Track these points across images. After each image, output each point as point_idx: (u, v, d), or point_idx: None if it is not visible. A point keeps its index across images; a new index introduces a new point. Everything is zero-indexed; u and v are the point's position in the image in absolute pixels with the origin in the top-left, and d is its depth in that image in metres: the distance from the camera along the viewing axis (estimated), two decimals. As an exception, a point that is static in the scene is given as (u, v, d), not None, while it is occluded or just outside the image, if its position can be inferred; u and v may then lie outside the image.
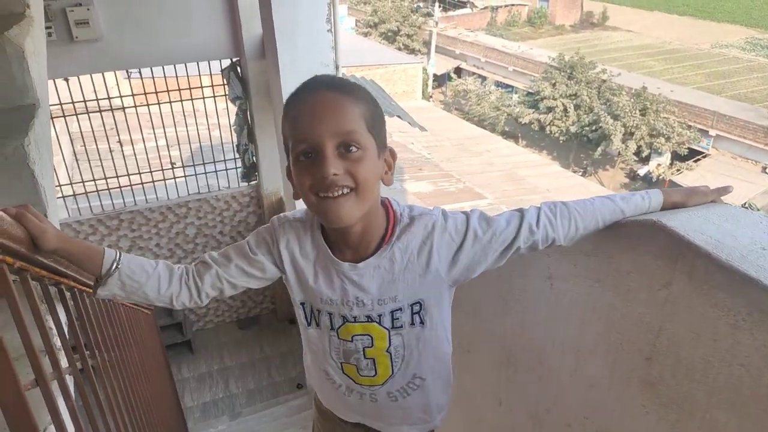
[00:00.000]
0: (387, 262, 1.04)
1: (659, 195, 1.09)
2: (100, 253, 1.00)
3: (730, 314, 0.90)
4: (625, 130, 19.18)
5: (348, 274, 1.05)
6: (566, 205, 1.07)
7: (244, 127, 4.78)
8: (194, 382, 4.91)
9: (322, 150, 0.91)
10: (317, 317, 1.13)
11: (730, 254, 0.90)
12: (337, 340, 1.13)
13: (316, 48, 2.81)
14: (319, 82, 0.95)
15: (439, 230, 1.03)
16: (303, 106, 0.93)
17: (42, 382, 0.84)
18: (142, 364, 2.23)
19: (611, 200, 1.08)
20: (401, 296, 1.07)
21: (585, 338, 1.27)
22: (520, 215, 1.05)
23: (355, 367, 1.16)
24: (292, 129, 0.94)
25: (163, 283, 1.05)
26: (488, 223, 1.05)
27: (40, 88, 1.65)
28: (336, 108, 0.91)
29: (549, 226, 1.05)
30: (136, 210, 4.76)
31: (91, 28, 3.82)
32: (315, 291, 1.09)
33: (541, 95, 21.38)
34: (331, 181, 0.91)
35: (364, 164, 0.93)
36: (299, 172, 0.95)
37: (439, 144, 11.02)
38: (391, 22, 29.19)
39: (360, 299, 1.06)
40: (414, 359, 1.14)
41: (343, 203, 0.93)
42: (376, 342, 1.11)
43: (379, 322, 1.09)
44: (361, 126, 0.93)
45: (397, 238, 1.04)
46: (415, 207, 1.08)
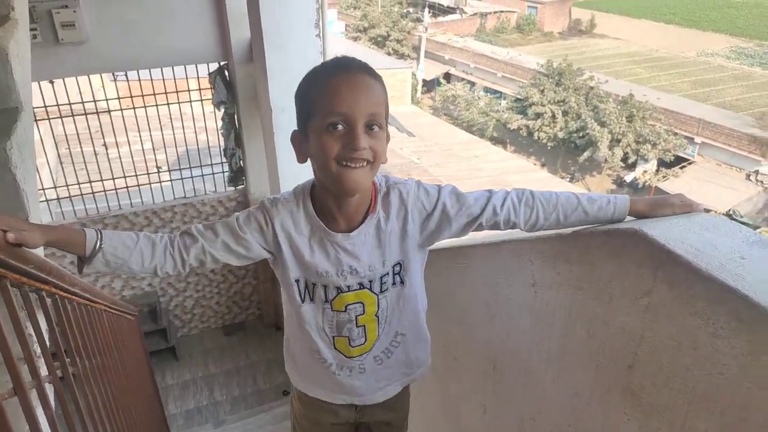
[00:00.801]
0: (374, 229, 1.15)
1: (625, 202, 1.13)
2: (82, 235, 1.03)
3: (710, 323, 0.91)
4: (612, 136, 19.37)
5: (342, 243, 1.15)
6: (533, 194, 1.16)
7: (231, 131, 4.76)
8: (178, 389, 4.86)
9: (355, 125, 1.01)
10: (311, 291, 1.20)
11: (710, 263, 0.91)
12: (330, 312, 1.21)
13: (304, 52, 2.81)
14: (355, 63, 1.05)
15: (412, 197, 1.16)
16: (342, 81, 1.02)
17: (20, 391, 0.83)
18: (124, 371, 2.20)
19: (576, 198, 1.14)
20: (387, 260, 1.18)
21: (568, 346, 1.28)
22: (488, 196, 1.16)
23: (347, 338, 1.24)
24: (326, 100, 1.01)
25: (146, 257, 1.10)
26: (458, 198, 1.16)
27: (24, 90, 1.63)
28: (370, 90, 1.03)
29: (512, 210, 1.14)
30: (121, 214, 4.71)
31: (77, 30, 3.79)
32: (311, 265, 1.16)
33: (530, 101, 21.53)
34: (359, 154, 1.01)
35: (381, 142, 1.05)
36: (326, 140, 1.02)
37: (427, 149, 11.06)
38: (381, 27, 29.27)
39: (353, 267, 1.16)
40: (395, 317, 1.26)
41: (360, 172, 1.03)
42: (367, 308, 1.21)
43: (369, 288, 1.19)
44: (383, 109, 1.05)
45: (381, 206, 1.15)
46: (390, 177, 1.19)
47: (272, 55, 2.76)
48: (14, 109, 1.56)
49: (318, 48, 2.87)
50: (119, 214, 4.70)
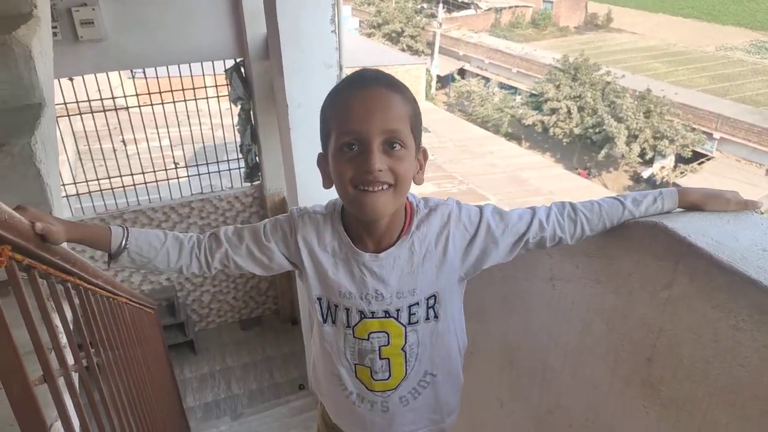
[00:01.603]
0: (406, 252, 1.06)
1: (674, 196, 1.07)
2: (108, 234, 1.03)
3: (731, 315, 0.90)
4: (629, 132, 19.16)
5: (369, 264, 1.06)
6: (574, 207, 1.09)
7: (247, 128, 4.79)
8: (196, 382, 4.92)
9: (369, 145, 0.92)
10: (334, 313, 1.12)
11: (731, 256, 0.90)
12: (352, 338, 1.13)
13: (320, 48, 2.82)
14: (372, 76, 0.96)
15: (454, 220, 1.06)
16: (354, 99, 0.94)
17: (50, 378, 0.85)
18: (145, 363, 2.24)
19: (621, 203, 1.08)
20: (419, 289, 1.08)
21: (587, 339, 1.28)
22: (531, 212, 1.09)
23: (369, 369, 1.15)
24: (339, 120, 0.95)
25: (172, 257, 1.09)
26: (501, 216, 1.08)
27: (47, 87, 1.67)
28: (386, 105, 0.93)
29: (557, 225, 1.08)
30: (139, 210, 4.77)
31: (96, 27, 3.84)
32: (334, 283, 1.09)
33: (545, 97, 21.36)
34: (374, 177, 0.92)
35: (404, 162, 0.95)
36: (340, 163, 0.95)
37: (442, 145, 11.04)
38: (395, 23, 29.21)
39: (379, 292, 1.07)
40: (426, 355, 1.15)
41: (380, 197, 0.95)
42: (392, 339, 1.11)
43: (396, 317, 1.09)
44: (406, 125, 0.95)
45: (416, 228, 1.06)
46: (431, 199, 1.10)
47: (288, 51, 2.77)
48: (37, 105, 1.59)
49: (334, 44, 2.88)
50: (138, 210, 4.76)
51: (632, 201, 1.08)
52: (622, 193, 1.13)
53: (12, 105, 1.53)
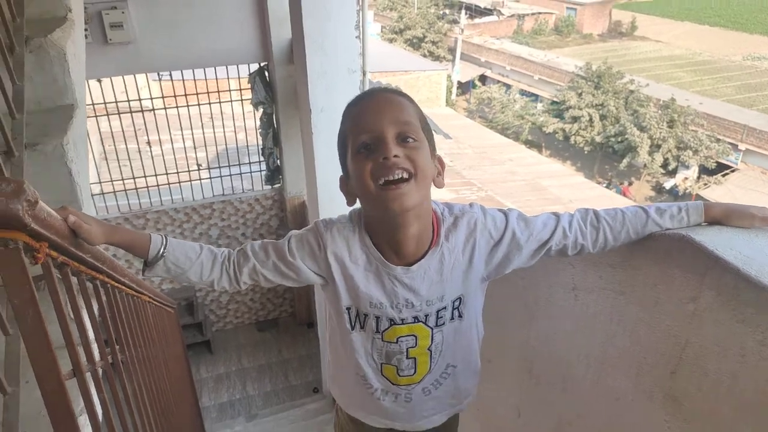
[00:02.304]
0: (437, 263, 1.08)
1: (699, 209, 1.06)
2: (147, 241, 1.04)
3: (758, 330, 0.89)
4: (652, 142, 18.92)
5: (400, 277, 1.08)
6: (597, 215, 1.09)
7: (269, 131, 4.84)
8: (212, 382, 4.96)
9: (384, 137, 0.97)
10: (362, 321, 1.14)
11: (760, 270, 0.89)
12: (380, 342, 1.15)
13: (344, 53, 2.84)
14: (378, 88, 1.07)
15: (480, 228, 1.09)
16: (364, 105, 1.02)
17: (79, 373, 0.87)
18: (165, 361, 2.27)
19: (645, 213, 1.08)
20: (447, 295, 1.11)
21: (609, 351, 1.27)
22: (555, 218, 1.10)
23: (395, 368, 1.18)
24: (353, 126, 1.01)
25: (205, 270, 1.10)
26: (527, 223, 1.10)
27: (79, 88, 1.71)
28: (394, 104, 1.01)
29: (579, 233, 1.08)
30: (162, 210, 4.84)
31: (125, 30, 3.92)
32: (365, 295, 1.10)
33: (567, 104, 21.20)
34: (392, 162, 0.96)
35: (420, 153, 0.99)
36: (359, 163, 0.99)
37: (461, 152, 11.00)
38: (417, 28, 29.27)
39: (410, 301, 1.09)
40: (449, 351, 1.18)
41: (403, 188, 0.96)
42: (420, 341, 1.14)
43: (425, 321, 1.12)
44: (416, 121, 1.01)
45: (445, 239, 1.08)
46: (454, 206, 1.12)
47: (313, 56, 2.80)
48: (70, 105, 1.63)
49: (358, 49, 2.90)
50: (160, 210, 4.83)
51: (656, 211, 1.07)
52: (646, 204, 1.11)
53: (46, 106, 1.58)
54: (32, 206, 0.69)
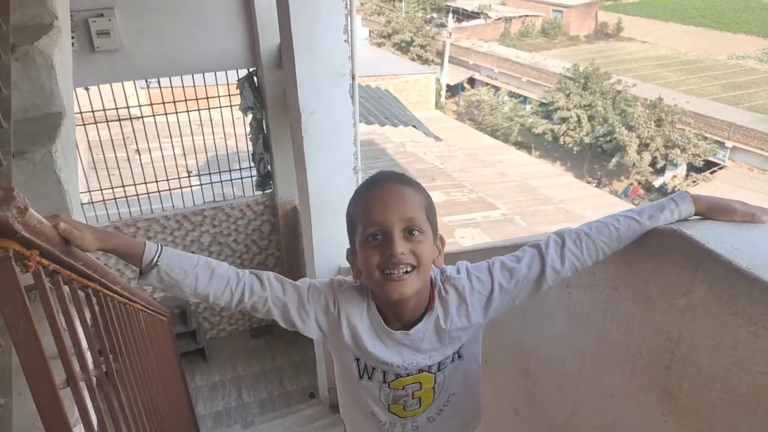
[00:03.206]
0: (432, 326, 1.14)
1: (688, 203, 1.06)
2: (141, 249, 1.02)
3: (751, 322, 0.90)
4: (640, 141, 19.07)
5: (402, 341, 1.15)
6: (589, 235, 1.09)
7: (259, 137, 4.83)
8: (207, 390, 4.93)
9: (391, 233, 1.02)
10: (370, 373, 1.21)
11: (751, 262, 0.90)
12: (387, 389, 1.23)
13: (333, 57, 2.84)
14: (388, 176, 1.08)
15: (468, 291, 1.14)
16: (373, 195, 1.05)
17: (73, 383, 0.86)
18: (159, 369, 2.25)
19: (638, 223, 1.07)
20: (449, 350, 1.19)
21: (604, 347, 1.27)
22: (540, 260, 1.11)
23: (402, 405, 1.26)
24: (362, 214, 1.05)
25: (200, 284, 1.08)
26: (510, 273, 1.13)
27: (66, 96, 1.70)
28: (402, 197, 1.04)
29: (575, 260, 1.10)
30: (152, 218, 4.81)
31: (112, 38, 3.90)
32: (371, 354, 1.16)
33: (555, 106, 21.33)
34: (398, 260, 1.01)
35: (424, 246, 1.04)
36: (367, 251, 1.04)
37: (451, 154, 11.02)
38: (405, 32, 29.35)
39: (414, 360, 1.17)
40: (451, 385, 1.27)
41: (405, 280, 1.03)
42: (424, 385, 1.23)
43: (428, 370, 1.20)
44: (421, 213, 1.05)
45: (438, 302, 1.14)
46: (446, 269, 1.17)
47: (302, 59, 2.79)
48: (58, 113, 1.62)
49: (347, 53, 2.90)
50: (151, 218, 4.80)
51: (649, 218, 1.07)
52: (635, 207, 1.10)
53: (33, 114, 1.56)
54: (22, 213, 0.68)
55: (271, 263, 5.35)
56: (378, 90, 7.56)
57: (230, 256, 5.20)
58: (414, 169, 8.91)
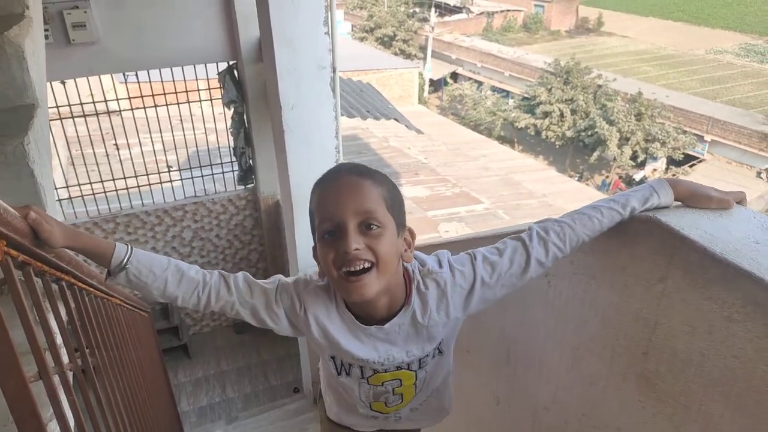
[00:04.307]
0: (409, 320, 1.11)
1: (667, 190, 1.06)
2: (110, 250, 1.01)
3: (725, 307, 0.91)
4: (621, 135, 19.28)
5: (377, 335, 1.12)
6: (573, 228, 1.07)
7: (240, 131, 4.79)
8: (190, 386, 4.89)
9: (345, 227, 0.97)
10: (348, 369, 1.20)
11: (725, 248, 0.91)
12: (367, 386, 1.21)
13: (313, 50, 2.82)
14: (342, 167, 1.04)
15: (450, 285, 1.10)
16: (327, 189, 1.01)
17: (45, 375, 0.84)
18: (139, 365, 2.23)
19: (620, 214, 1.06)
20: (428, 346, 1.16)
21: (583, 335, 1.28)
22: (524, 252, 1.08)
23: (383, 402, 1.26)
24: (317, 210, 1.01)
25: (169, 286, 1.07)
26: (492, 267, 1.10)
27: (39, 87, 1.66)
28: (357, 190, 0.98)
29: (558, 252, 1.08)
30: (132, 213, 4.75)
31: (88, 30, 3.83)
32: (346, 351, 1.13)
33: (537, 100, 21.47)
34: (353, 256, 0.96)
35: (383, 241, 0.99)
36: (323, 249, 1.00)
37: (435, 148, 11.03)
38: (387, 27, 29.30)
39: (390, 354, 1.14)
40: (434, 380, 1.27)
41: (363, 279, 0.98)
42: (405, 382, 1.21)
43: (407, 368, 1.18)
44: (380, 206, 0.99)
45: (416, 296, 1.10)
46: (426, 261, 1.12)
47: (281, 51, 2.77)
48: (30, 105, 1.58)
49: (327, 45, 2.88)
50: (131, 214, 4.74)
51: (631, 211, 1.06)
52: (616, 196, 1.09)
53: (4, 105, 1.53)
54: (-13, 202, 0.66)
55: (254, 258, 5.32)
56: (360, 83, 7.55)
57: (212, 252, 5.15)
58: (397, 164, 8.91)
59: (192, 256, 5.09)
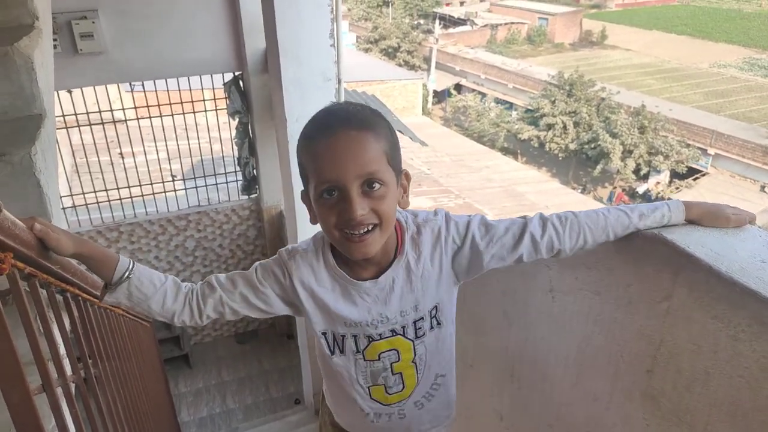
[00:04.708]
0: (403, 271, 1.07)
1: (680, 212, 1.05)
2: (114, 260, 1.00)
3: (730, 326, 0.91)
4: (624, 147, 19.28)
5: (370, 291, 1.07)
6: (577, 216, 1.07)
7: (245, 141, 4.81)
8: (191, 396, 4.87)
9: (348, 191, 0.92)
10: (341, 343, 1.13)
11: (730, 267, 0.91)
12: (363, 362, 1.14)
13: (318, 62, 2.84)
14: (339, 118, 0.93)
15: (443, 234, 1.07)
16: (325, 145, 0.92)
17: (48, 388, 0.84)
18: (141, 376, 2.22)
19: (627, 216, 1.06)
20: (421, 305, 1.10)
21: (587, 352, 1.28)
22: (522, 225, 1.07)
23: (383, 386, 1.18)
24: (314, 166, 0.94)
25: (168, 299, 1.05)
26: (487, 228, 1.07)
27: (47, 98, 1.67)
28: (359, 148, 0.92)
29: (555, 237, 1.06)
30: (136, 222, 4.76)
31: (96, 41, 3.86)
32: (338, 316, 1.09)
33: (541, 112, 21.52)
34: (358, 221, 0.93)
35: (386, 200, 0.95)
36: (323, 209, 0.95)
37: (438, 159, 11.05)
38: (392, 38, 29.47)
39: (384, 315, 1.09)
40: (435, 360, 1.18)
41: (367, 239, 0.95)
42: (402, 355, 1.14)
43: (403, 334, 1.12)
44: (382, 162, 0.94)
45: (409, 247, 1.07)
46: (419, 213, 1.10)
47: (287, 65, 2.79)
48: (38, 115, 1.59)
49: (332, 58, 2.90)
50: (134, 222, 4.74)
51: (639, 216, 1.05)
52: (629, 205, 1.09)
53: (13, 115, 1.54)
54: (-4, 215, 0.67)
55: (257, 268, 5.31)
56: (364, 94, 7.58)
57: (215, 261, 5.15)
58: (400, 175, 8.91)
59: (194, 265, 5.09)
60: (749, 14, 36.27)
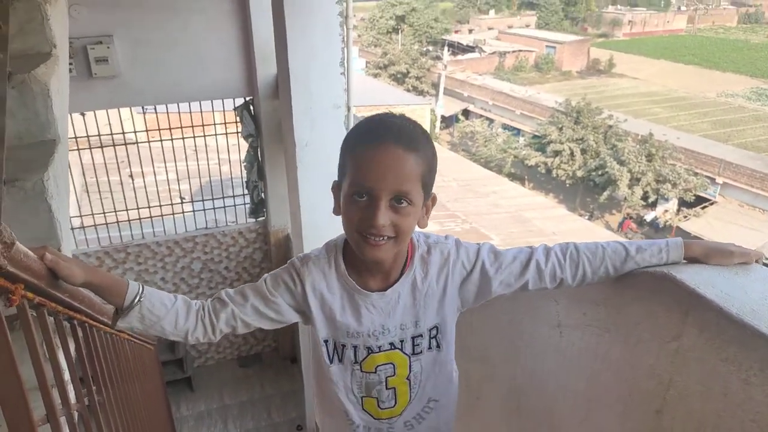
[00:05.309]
0: (409, 286, 1.12)
1: (679, 249, 1.07)
2: (125, 285, 1.02)
3: (742, 369, 0.89)
4: (632, 175, 19.27)
5: (376, 303, 1.11)
6: (577, 248, 1.11)
7: (254, 164, 4.84)
8: (192, 420, 4.82)
9: (377, 201, 0.97)
10: (340, 353, 1.17)
11: (741, 308, 0.90)
12: (360, 373, 1.18)
13: (328, 90, 2.88)
14: (391, 132, 0.98)
15: (453, 258, 1.12)
16: (369, 153, 0.97)
17: (53, 418, 0.84)
18: (144, 399, 2.21)
19: (625, 250, 1.09)
20: (422, 322, 1.14)
21: (595, 389, 1.26)
22: (528, 253, 1.12)
23: (375, 399, 1.21)
24: (353, 168, 0.99)
25: (180, 318, 1.07)
26: (496, 256, 1.13)
27: (61, 123, 1.70)
28: (399, 166, 0.96)
29: (557, 266, 1.10)
30: (143, 243, 4.78)
31: (110, 65, 3.93)
32: (342, 325, 1.13)
33: (548, 139, 21.60)
34: (378, 230, 0.98)
35: (409, 218, 1.00)
36: (350, 208, 1.00)
37: (445, 184, 11.07)
38: (401, 64, 29.83)
39: (385, 327, 1.13)
40: (430, 382, 1.21)
41: (381, 249, 1.01)
42: (398, 370, 1.18)
43: (401, 348, 1.16)
44: (417, 182, 0.99)
45: (418, 264, 1.12)
46: (431, 235, 1.15)
47: (298, 92, 2.83)
48: (52, 141, 1.62)
49: (342, 85, 2.94)
50: (142, 244, 4.76)
51: (636, 249, 1.08)
52: (628, 240, 1.14)
53: (27, 141, 1.56)
54: (8, 248, 0.67)
55: (262, 291, 5.30)
56: (373, 120, 7.63)
57: (221, 284, 5.15)
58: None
59: (200, 287, 5.09)
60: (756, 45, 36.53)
